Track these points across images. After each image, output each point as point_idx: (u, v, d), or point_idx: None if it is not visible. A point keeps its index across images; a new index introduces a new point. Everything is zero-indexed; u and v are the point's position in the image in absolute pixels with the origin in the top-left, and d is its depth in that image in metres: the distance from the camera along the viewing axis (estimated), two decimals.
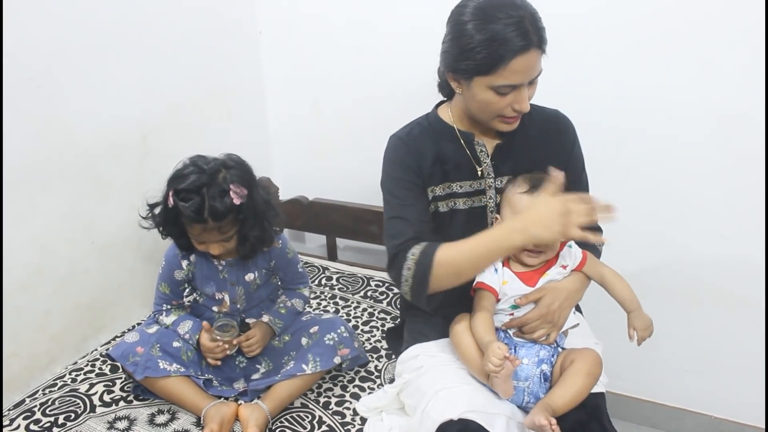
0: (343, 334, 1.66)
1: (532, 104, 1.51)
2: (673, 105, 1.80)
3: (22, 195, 1.66)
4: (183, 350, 1.63)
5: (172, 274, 1.67)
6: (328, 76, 2.30)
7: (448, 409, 1.29)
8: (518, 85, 1.33)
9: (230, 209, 1.49)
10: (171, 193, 1.50)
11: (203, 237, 1.53)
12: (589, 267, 1.46)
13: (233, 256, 1.64)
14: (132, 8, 1.85)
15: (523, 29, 1.28)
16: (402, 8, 2.03)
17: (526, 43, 1.28)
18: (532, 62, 1.31)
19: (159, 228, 1.60)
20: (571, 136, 1.56)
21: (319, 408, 1.61)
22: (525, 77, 1.33)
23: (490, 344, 1.28)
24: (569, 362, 1.36)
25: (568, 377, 1.33)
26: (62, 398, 1.65)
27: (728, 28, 1.67)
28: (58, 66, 1.69)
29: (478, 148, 1.50)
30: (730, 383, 2.03)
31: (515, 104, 1.36)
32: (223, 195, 1.48)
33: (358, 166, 2.35)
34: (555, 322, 1.40)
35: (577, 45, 1.83)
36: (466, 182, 1.51)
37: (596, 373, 1.35)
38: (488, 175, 1.50)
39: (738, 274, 1.88)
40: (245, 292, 1.70)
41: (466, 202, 1.51)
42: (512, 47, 1.27)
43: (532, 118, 1.51)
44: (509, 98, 1.35)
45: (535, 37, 1.29)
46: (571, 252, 1.46)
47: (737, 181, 1.79)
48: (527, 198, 1.39)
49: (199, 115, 2.17)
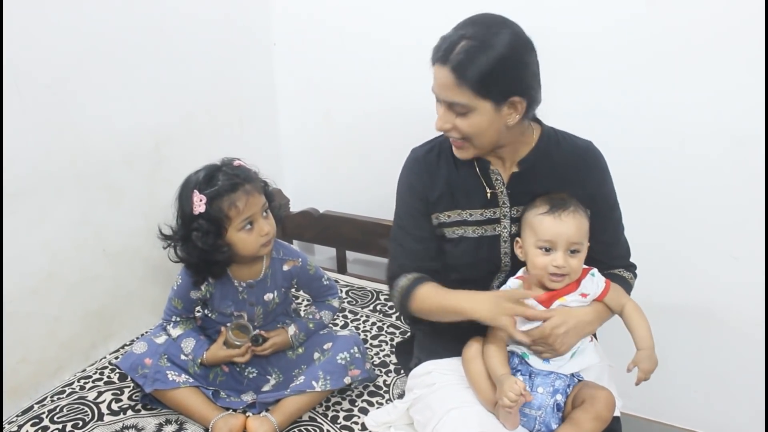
0: (355, 355, 1.64)
1: (563, 132, 1.52)
2: (686, 125, 1.79)
3: (34, 201, 1.66)
4: (190, 364, 1.63)
5: (188, 293, 1.64)
6: (340, 88, 2.30)
7: (459, 429, 1.29)
8: (436, 95, 1.37)
9: (253, 173, 1.58)
10: (196, 193, 1.50)
11: (250, 208, 1.52)
12: (611, 298, 1.43)
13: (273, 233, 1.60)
14: (147, 18, 1.87)
15: (444, 41, 1.33)
16: (415, 22, 2.04)
17: (434, 53, 1.34)
18: (440, 78, 1.33)
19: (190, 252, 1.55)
20: (599, 172, 1.51)
21: (327, 422, 1.60)
22: (438, 90, 1.36)
23: (507, 378, 1.26)
24: (580, 401, 1.33)
25: (577, 419, 1.31)
26: (70, 405, 1.64)
27: (743, 49, 1.66)
28: (73, 74, 1.70)
29: (493, 177, 1.48)
30: (739, 405, 2.01)
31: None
32: (237, 167, 1.57)
33: (369, 179, 2.35)
34: (554, 347, 1.36)
35: (590, 64, 1.83)
36: (477, 210, 1.49)
37: (606, 417, 1.32)
38: (503, 204, 1.48)
39: (749, 296, 1.87)
40: (263, 312, 1.69)
41: (476, 231, 1.49)
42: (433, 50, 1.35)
43: (560, 148, 1.48)
44: (440, 111, 1.39)
45: (450, 55, 1.30)
46: (594, 280, 1.42)
47: (749, 202, 1.78)
48: (548, 219, 1.36)
49: (212, 124, 2.18)
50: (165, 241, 1.58)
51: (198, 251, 1.52)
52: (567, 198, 1.39)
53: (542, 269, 1.37)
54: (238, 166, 1.58)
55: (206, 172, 1.54)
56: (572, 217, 1.36)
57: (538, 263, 1.38)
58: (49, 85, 1.64)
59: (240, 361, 1.64)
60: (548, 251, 1.37)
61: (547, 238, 1.36)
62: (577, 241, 1.36)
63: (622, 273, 1.55)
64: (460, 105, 1.33)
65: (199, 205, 1.49)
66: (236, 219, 1.52)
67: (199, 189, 1.50)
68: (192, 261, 1.56)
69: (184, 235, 1.54)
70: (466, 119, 1.35)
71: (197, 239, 1.50)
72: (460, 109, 1.34)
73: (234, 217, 1.51)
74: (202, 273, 1.59)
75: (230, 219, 1.51)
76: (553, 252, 1.36)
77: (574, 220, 1.36)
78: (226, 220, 1.51)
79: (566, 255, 1.36)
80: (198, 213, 1.50)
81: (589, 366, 1.42)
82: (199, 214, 1.50)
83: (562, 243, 1.35)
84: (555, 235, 1.35)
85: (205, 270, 1.58)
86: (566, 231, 1.35)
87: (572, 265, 1.36)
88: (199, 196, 1.49)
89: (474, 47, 1.28)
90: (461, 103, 1.32)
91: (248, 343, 1.63)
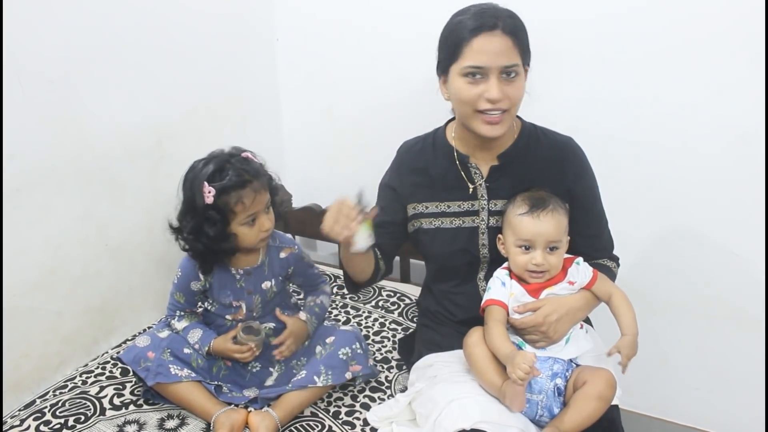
0: (357, 350, 1.65)
1: (543, 128, 1.55)
2: (689, 120, 1.79)
3: (37, 196, 1.66)
4: (194, 357, 1.63)
5: (188, 284, 1.66)
6: (343, 84, 2.30)
7: (461, 419, 1.29)
8: (484, 68, 1.34)
9: (261, 168, 1.59)
10: (206, 185, 1.51)
11: (255, 205, 1.55)
12: (599, 286, 1.46)
13: (272, 228, 1.63)
14: (150, 14, 1.87)
15: (483, 14, 1.34)
16: (417, 17, 2.03)
17: (480, 23, 1.33)
18: (496, 44, 1.33)
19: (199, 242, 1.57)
20: (576, 167, 1.53)
21: (329, 417, 1.60)
22: (489, 59, 1.34)
23: (516, 353, 1.28)
24: (581, 382, 1.34)
25: (579, 400, 1.32)
26: (72, 400, 1.65)
27: (745, 45, 1.66)
28: (75, 69, 1.70)
29: (472, 170, 1.51)
30: (740, 402, 2.01)
31: (486, 93, 1.36)
32: (246, 160, 1.57)
33: (371, 174, 2.34)
34: (548, 334, 1.39)
35: (592, 57, 1.82)
36: (455, 202, 1.52)
37: (608, 396, 1.33)
38: (482, 197, 1.51)
39: (750, 292, 1.87)
40: (261, 301, 1.70)
41: (454, 222, 1.52)
42: (468, 26, 1.34)
43: (539, 142, 1.52)
44: (480, 87, 1.36)
45: (498, 21, 1.33)
46: (579, 269, 1.46)
47: (751, 198, 1.78)
48: (527, 219, 1.40)
49: (214, 120, 2.18)
50: (174, 233, 1.60)
51: (208, 240, 1.55)
52: (546, 196, 1.42)
53: (522, 267, 1.42)
54: (246, 158, 1.58)
55: (216, 164, 1.54)
56: (551, 216, 1.40)
57: (518, 261, 1.42)
58: (51, 81, 1.64)
59: (240, 359, 1.64)
60: (528, 249, 1.41)
61: (526, 237, 1.40)
62: (556, 239, 1.40)
63: (606, 262, 1.57)
64: (514, 68, 1.35)
65: (209, 197, 1.51)
66: (241, 214, 1.54)
67: (208, 180, 1.52)
68: (199, 250, 1.58)
69: (195, 225, 1.55)
70: (514, 84, 1.37)
71: (208, 228, 1.53)
72: (512, 74, 1.36)
73: (239, 213, 1.54)
74: (209, 262, 1.62)
75: (235, 214, 1.54)
76: (532, 250, 1.40)
77: (553, 219, 1.40)
78: (231, 215, 1.54)
79: (545, 253, 1.40)
80: (207, 204, 1.52)
81: (585, 351, 1.44)
82: (208, 205, 1.52)
83: (540, 242, 1.39)
84: (534, 234, 1.39)
85: (212, 259, 1.61)
86: (545, 231, 1.39)
87: (551, 261, 1.41)
88: (208, 188, 1.51)
89: (510, 14, 1.36)
90: (515, 65, 1.35)
91: (253, 346, 1.62)
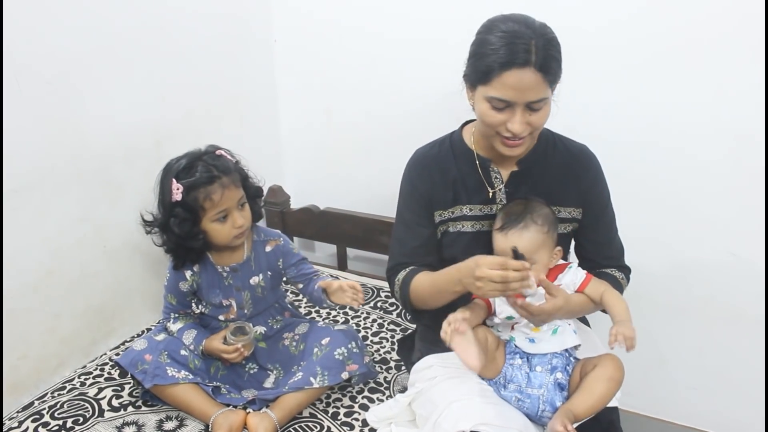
0: (353, 350, 1.65)
1: (559, 135, 1.55)
2: (689, 123, 1.79)
3: (35, 197, 1.66)
4: (191, 359, 1.63)
5: (177, 285, 1.67)
6: (341, 85, 2.30)
7: (461, 420, 1.29)
8: (510, 103, 1.31)
9: (232, 164, 1.60)
10: (174, 182, 1.52)
11: (225, 201, 1.54)
12: (591, 288, 1.46)
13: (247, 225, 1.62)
14: (148, 15, 1.87)
15: (516, 44, 1.27)
16: (416, 19, 2.04)
17: (512, 58, 1.26)
18: (526, 81, 1.28)
19: (169, 237, 1.59)
20: (592, 174, 1.54)
21: (328, 418, 1.60)
22: (517, 96, 1.30)
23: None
24: (591, 367, 1.35)
25: (589, 382, 1.33)
26: (71, 402, 1.65)
27: (745, 47, 1.66)
28: (74, 70, 1.70)
29: (492, 175, 1.51)
30: (739, 402, 2.01)
31: (508, 123, 1.34)
32: (218, 157, 1.59)
33: (369, 175, 2.35)
34: (536, 321, 1.40)
35: (593, 60, 1.83)
36: (476, 206, 1.52)
37: (618, 377, 1.34)
38: (500, 201, 1.51)
39: (749, 293, 1.87)
40: (251, 297, 1.70)
41: (474, 225, 1.52)
42: (497, 58, 1.28)
43: (556, 150, 1.52)
44: (504, 116, 1.34)
45: (532, 56, 1.26)
46: (570, 273, 1.46)
47: (750, 200, 1.78)
48: (498, 235, 1.43)
49: (212, 122, 2.18)
50: (146, 227, 1.62)
51: (175, 237, 1.56)
52: (523, 212, 1.42)
53: None
54: (219, 156, 1.59)
55: (187, 161, 1.56)
56: (518, 234, 1.40)
57: None
58: (49, 82, 1.64)
59: (228, 359, 1.64)
60: None
61: (498, 253, 1.42)
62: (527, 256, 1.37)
63: (613, 272, 1.56)
64: (541, 102, 1.32)
65: (176, 194, 1.52)
66: (211, 211, 1.55)
67: (177, 177, 1.53)
68: (170, 246, 1.60)
69: (163, 221, 1.57)
70: (539, 113, 1.34)
71: (174, 225, 1.54)
72: (538, 106, 1.33)
73: (209, 209, 1.55)
74: (181, 258, 1.62)
75: (205, 210, 1.55)
76: None
77: (521, 237, 1.39)
78: (201, 211, 1.54)
79: None
80: (175, 201, 1.52)
81: (569, 346, 1.43)
82: (176, 202, 1.52)
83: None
84: (503, 252, 1.39)
85: (184, 255, 1.62)
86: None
87: None
88: (176, 185, 1.52)
89: (544, 42, 1.28)
90: (543, 99, 1.32)
91: (240, 347, 1.61)
